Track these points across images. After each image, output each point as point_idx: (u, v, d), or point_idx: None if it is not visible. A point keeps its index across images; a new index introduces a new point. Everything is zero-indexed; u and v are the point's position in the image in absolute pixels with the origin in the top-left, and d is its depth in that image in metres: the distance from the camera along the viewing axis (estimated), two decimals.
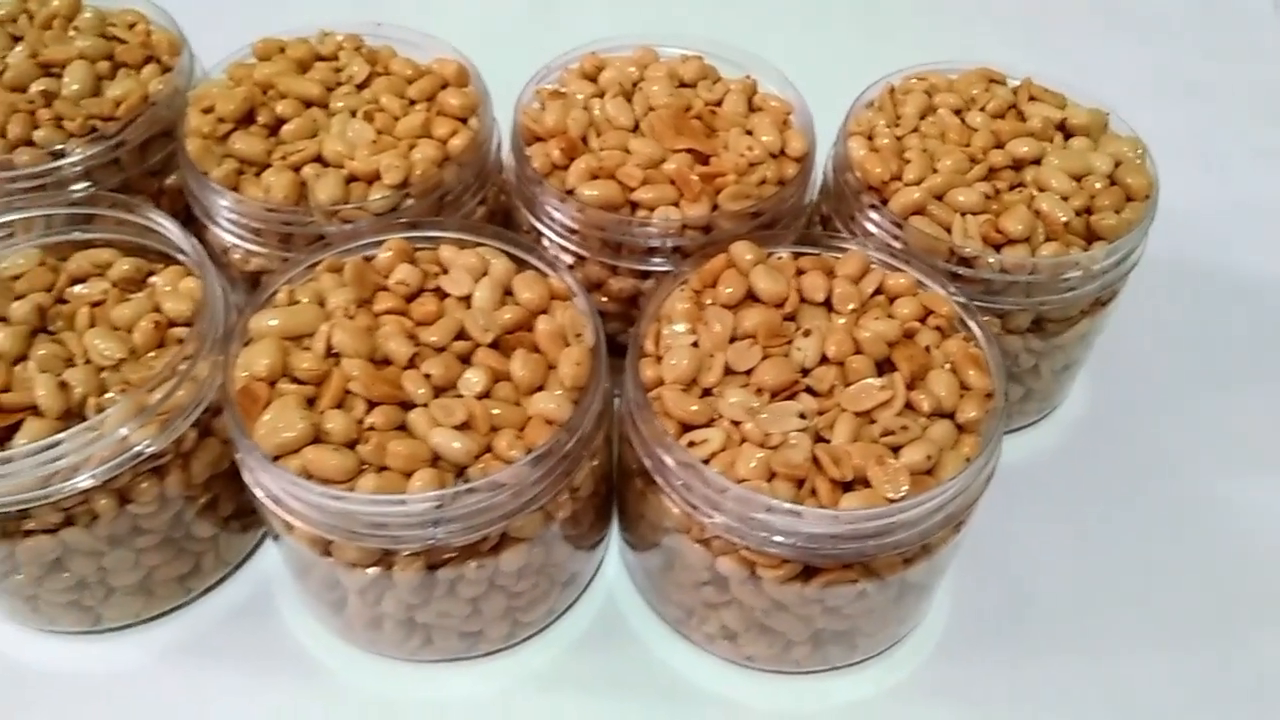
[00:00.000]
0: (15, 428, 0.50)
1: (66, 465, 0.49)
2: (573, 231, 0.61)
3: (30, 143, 0.61)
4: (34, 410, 0.50)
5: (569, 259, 0.61)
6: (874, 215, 0.60)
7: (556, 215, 0.61)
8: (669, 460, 0.49)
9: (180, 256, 0.59)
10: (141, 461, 0.51)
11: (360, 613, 0.54)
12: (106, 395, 0.52)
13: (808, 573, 0.50)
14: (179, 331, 0.55)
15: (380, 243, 0.57)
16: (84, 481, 0.49)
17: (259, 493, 0.50)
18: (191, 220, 0.62)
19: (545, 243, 0.62)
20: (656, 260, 0.61)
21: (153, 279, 0.58)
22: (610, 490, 0.59)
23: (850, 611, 0.52)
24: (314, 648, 0.58)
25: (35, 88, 0.63)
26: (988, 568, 0.61)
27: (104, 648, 0.57)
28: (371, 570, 0.50)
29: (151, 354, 0.54)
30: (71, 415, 0.51)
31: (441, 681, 0.57)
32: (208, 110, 0.62)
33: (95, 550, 0.52)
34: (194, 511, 0.55)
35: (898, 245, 0.59)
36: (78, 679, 0.56)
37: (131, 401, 0.51)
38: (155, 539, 0.54)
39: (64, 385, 0.51)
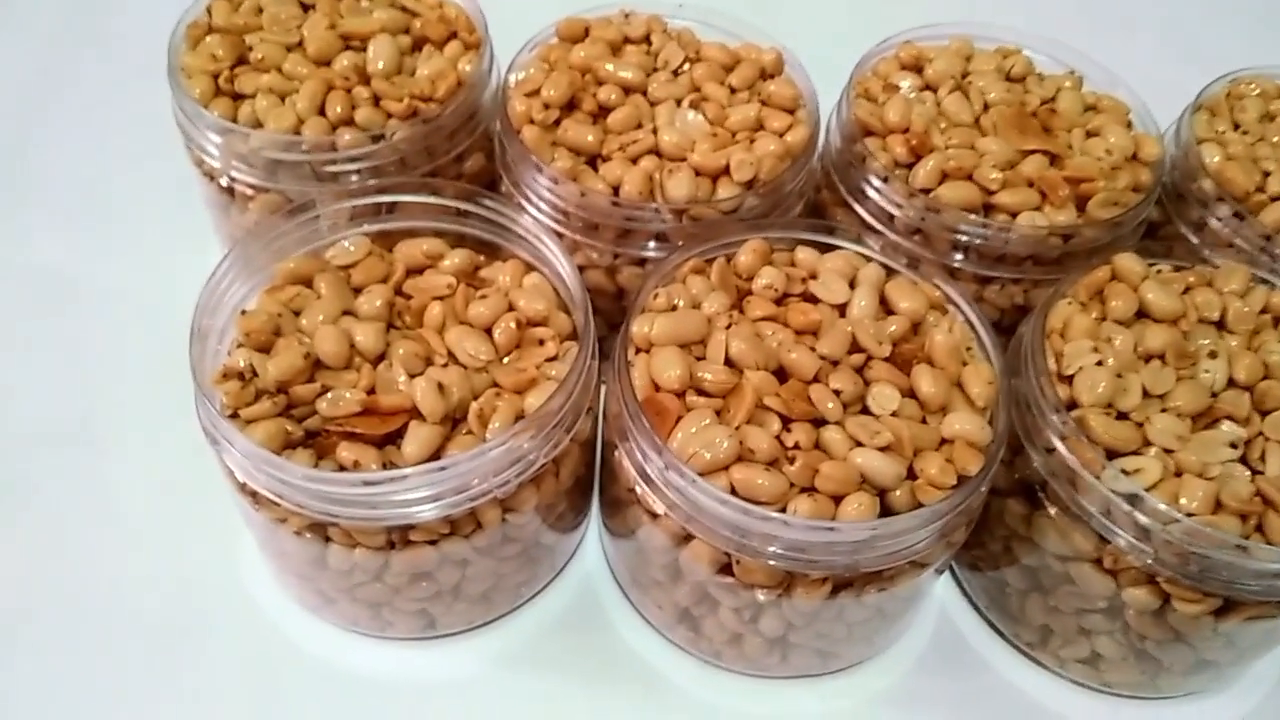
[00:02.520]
0: (397, 432, 0.47)
1: (465, 478, 0.46)
2: (916, 232, 0.58)
3: (351, 122, 0.57)
4: (415, 413, 0.47)
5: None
6: (1227, 226, 0.57)
7: (898, 216, 0.58)
8: (1102, 488, 0.47)
9: (516, 249, 0.55)
10: (525, 470, 0.48)
11: (732, 628, 0.51)
12: (480, 399, 0.49)
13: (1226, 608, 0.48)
14: (537, 332, 0.52)
15: (734, 243, 0.54)
16: (479, 493, 0.47)
17: (659, 506, 0.47)
18: None
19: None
20: (1002, 268, 0.58)
21: (481, 272, 0.55)
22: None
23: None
24: (650, 654, 0.56)
25: (341, 62, 0.59)
26: None
27: (437, 654, 0.55)
28: (766, 594, 0.48)
29: (511, 355, 0.51)
30: (449, 420, 0.48)
31: (790, 697, 0.55)
32: (531, 95, 0.59)
33: (464, 561, 0.50)
34: (552, 519, 0.53)
35: (1264, 259, 0.57)
36: (414, 686, 0.54)
37: (510, 408, 0.48)
38: (518, 548, 0.52)
39: (442, 388, 0.48)
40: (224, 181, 0.59)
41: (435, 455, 0.46)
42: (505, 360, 0.51)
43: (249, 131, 0.56)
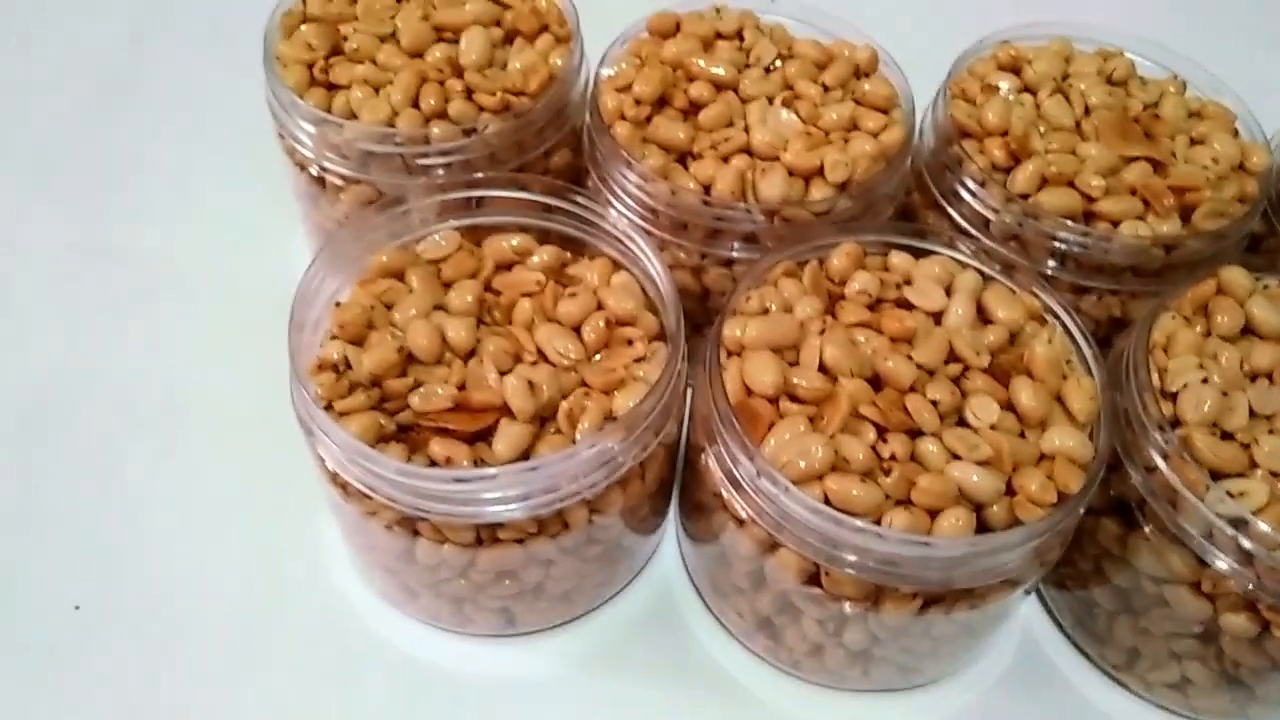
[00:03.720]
0: (487, 429, 0.47)
1: (555, 478, 0.46)
2: (1012, 238, 0.57)
3: (443, 115, 0.57)
4: (505, 411, 0.47)
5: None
6: None
7: (994, 221, 0.57)
8: (1205, 510, 0.45)
9: (603, 246, 0.55)
10: (613, 473, 0.47)
11: (814, 639, 0.51)
12: (569, 399, 0.48)
13: None
14: (625, 331, 0.52)
15: (825, 246, 0.53)
16: (567, 494, 0.46)
17: (746, 512, 0.47)
18: None
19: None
20: (1100, 278, 0.56)
21: (569, 269, 0.55)
22: None
23: None
24: (726, 661, 0.55)
25: (434, 54, 0.59)
26: None
27: (516, 652, 0.55)
28: (853, 607, 0.47)
29: (600, 355, 0.51)
30: (538, 418, 0.48)
31: (869, 711, 0.54)
32: (622, 90, 0.58)
33: (548, 560, 0.50)
34: (635, 521, 0.52)
35: None
36: (491, 683, 0.54)
37: (599, 408, 0.48)
38: (600, 549, 0.51)
39: (532, 386, 0.48)
40: (315, 171, 0.59)
41: (525, 454, 0.46)
42: (594, 360, 0.50)
43: (343, 123, 0.56)
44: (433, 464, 0.46)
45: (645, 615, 0.57)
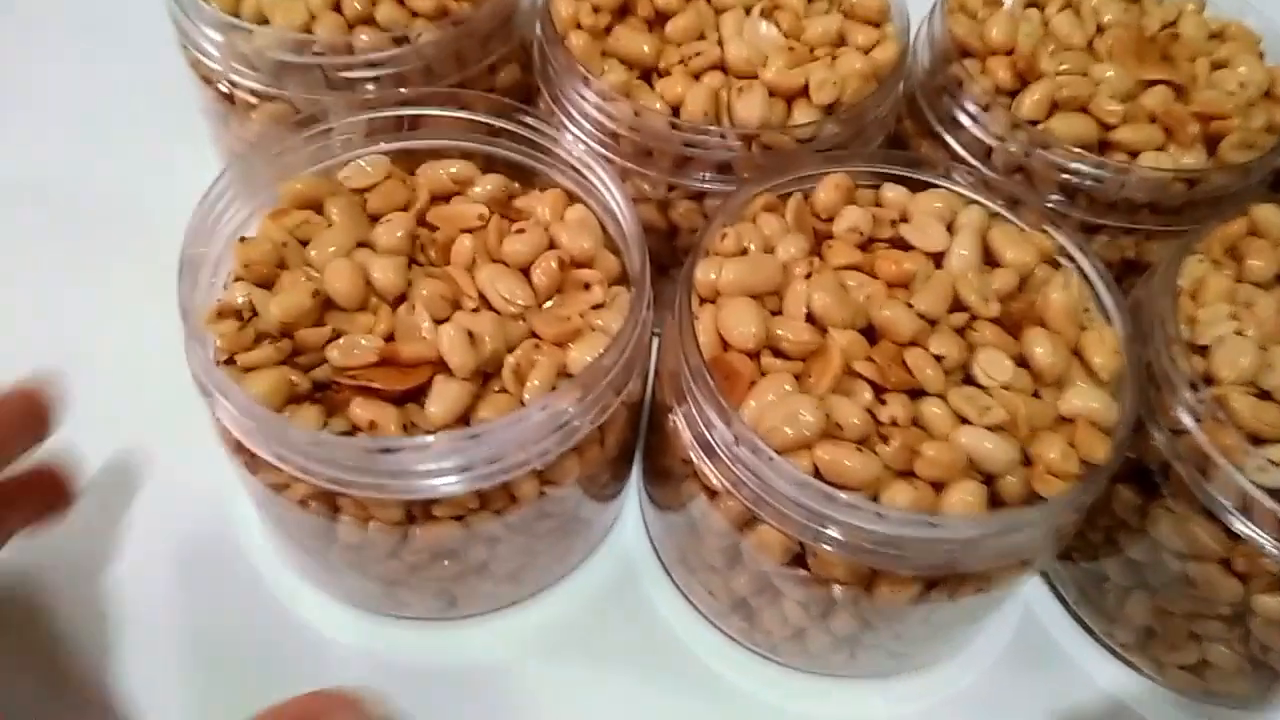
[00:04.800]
0: (419, 388, 0.40)
1: (500, 446, 0.39)
2: (1017, 170, 0.51)
3: (370, 21, 0.49)
4: (440, 366, 0.40)
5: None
6: None
7: (997, 150, 0.51)
8: (1242, 479, 0.40)
9: (557, 176, 0.48)
10: (569, 438, 0.41)
11: (796, 623, 0.45)
12: (516, 352, 0.41)
13: None
14: (582, 274, 0.45)
15: (810, 178, 0.47)
16: (514, 464, 0.40)
17: (720, 483, 0.40)
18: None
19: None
20: (1113, 215, 0.50)
21: (517, 202, 0.48)
22: None
23: None
24: (694, 644, 0.49)
25: None
26: None
27: (459, 636, 0.49)
28: (843, 591, 0.41)
29: (552, 300, 0.44)
30: (480, 375, 0.41)
31: (855, 697, 0.49)
32: None
33: (494, 538, 0.43)
34: (594, 490, 0.46)
35: None
36: (432, 670, 0.48)
37: (551, 363, 0.41)
38: (554, 523, 0.45)
39: (473, 338, 0.41)
40: (223, 87, 0.51)
41: (464, 417, 0.39)
42: (545, 306, 0.43)
43: (252, 28, 0.48)
44: (354, 430, 0.39)
45: (604, 593, 0.50)
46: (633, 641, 0.49)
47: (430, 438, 0.37)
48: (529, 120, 0.47)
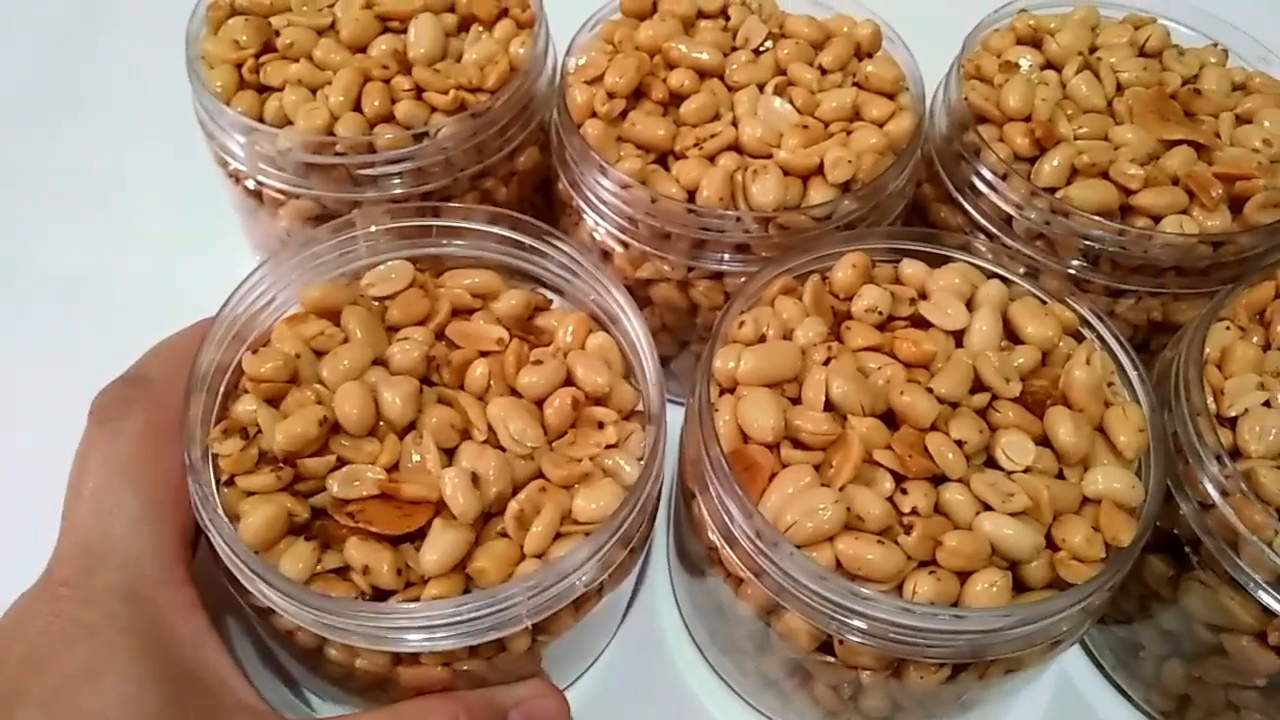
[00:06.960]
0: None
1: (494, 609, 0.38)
2: (1038, 237, 0.50)
3: (390, 118, 0.51)
4: (442, 506, 0.39)
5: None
6: None
7: (1016, 219, 0.50)
8: (1272, 556, 0.39)
9: (580, 295, 0.47)
10: (568, 598, 0.40)
11: (828, 705, 0.45)
12: (521, 496, 0.40)
13: None
14: (596, 411, 0.44)
15: (828, 256, 0.47)
16: (506, 621, 0.39)
17: (742, 571, 0.41)
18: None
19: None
20: (1137, 279, 0.50)
21: (539, 320, 0.47)
22: None
23: None
24: (723, 716, 0.49)
25: (379, 47, 0.52)
26: None
27: None
28: (872, 676, 0.41)
29: (565, 437, 0.43)
30: (481, 517, 0.40)
31: None
32: (592, 82, 0.52)
33: (482, 677, 0.42)
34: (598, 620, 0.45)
35: None
36: None
37: (556, 509, 0.40)
38: (551, 659, 0.44)
39: (477, 481, 0.40)
40: (250, 185, 0.53)
41: (460, 564, 0.39)
42: (555, 443, 0.43)
43: (276, 131, 0.49)
44: (345, 567, 0.39)
45: (633, 670, 0.51)
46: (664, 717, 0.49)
47: (417, 605, 0.37)
48: (561, 244, 0.47)
